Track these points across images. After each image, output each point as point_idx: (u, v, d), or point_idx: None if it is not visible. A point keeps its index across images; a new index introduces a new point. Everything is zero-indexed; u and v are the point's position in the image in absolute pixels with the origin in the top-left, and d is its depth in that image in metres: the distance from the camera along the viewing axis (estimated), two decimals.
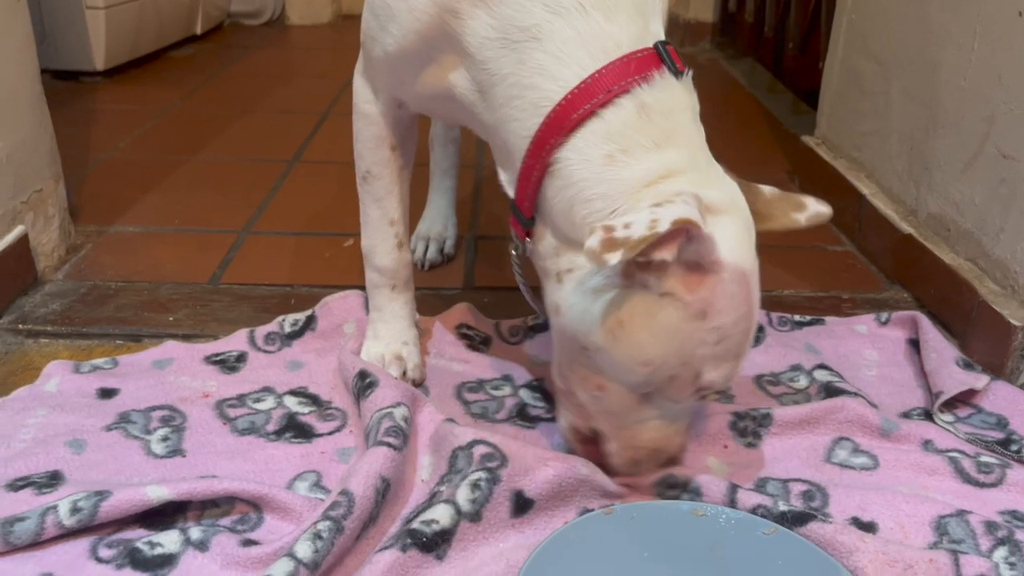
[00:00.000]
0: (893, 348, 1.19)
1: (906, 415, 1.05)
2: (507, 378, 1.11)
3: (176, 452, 0.96)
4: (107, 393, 1.05)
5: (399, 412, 0.94)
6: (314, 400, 1.06)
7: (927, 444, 0.98)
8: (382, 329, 1.10)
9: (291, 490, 0.89)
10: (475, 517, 0.83)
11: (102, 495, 0.83)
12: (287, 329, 1.18)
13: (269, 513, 0.87)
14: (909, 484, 0.92)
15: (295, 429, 1.00)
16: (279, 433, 0.99)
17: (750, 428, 1.00)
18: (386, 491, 0.85)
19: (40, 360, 1.12)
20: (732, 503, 0.86)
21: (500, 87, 0.82)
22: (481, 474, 0.84)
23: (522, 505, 0.85)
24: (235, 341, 1.17)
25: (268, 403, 1.05)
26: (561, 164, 0.80)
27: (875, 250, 1.45)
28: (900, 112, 1.42)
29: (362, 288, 1.28)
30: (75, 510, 0.82)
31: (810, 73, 2.27)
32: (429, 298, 1.29)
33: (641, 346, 0.77)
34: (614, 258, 0.68)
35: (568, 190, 0.80)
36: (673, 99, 0.79)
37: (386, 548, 0.79)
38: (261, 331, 1.18)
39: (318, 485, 0.92)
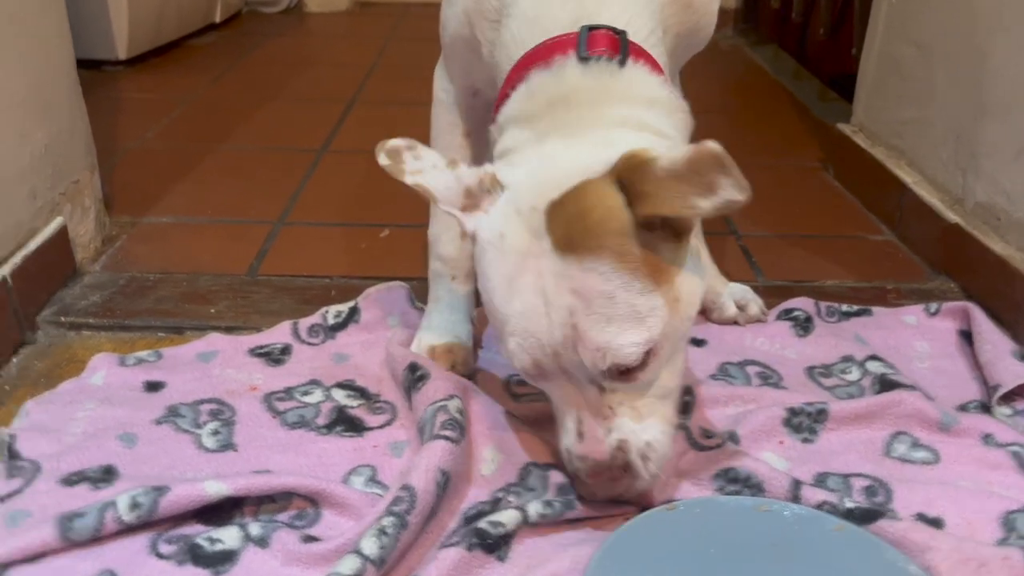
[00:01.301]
0: (944, 340, 1.18)
1: (963, 408, 1.03)
2: None
3: (228, 446, 0.95)
4: (153, 386, 1.04)
5: (453, 404, 0.93)
6: (362, 393, 1.04)
7: (987, 438, 0.97)
8: (437, 320, 1.09)
9: (347, 485, 0.88)
10: (536, 525, 0.82)
11: (160, 490, 0.82)
12: (331, 321, 1.17)
13: (327, 508, 0.86)
14: (972, 479, 0.91)
15: (345, 423, 0.99)
16: (329, 427, 0.98)
17: (805, 424, 0.98)
18: (446, 485, 0.84)
19: (84, 352, 1.11)
20: (796, 499, 0.85)
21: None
22: (557, 497, 0.84)
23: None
24: (279, 333, 1.16)
25: (316, 396, 1.04)
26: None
27: (918, 239, 1.43)
28: (945, 100, 1.40)
29: (402, 280, 1.28)
30: (134, 505, 0.81)
31: (839, 59, 2.25)
32: None
33: None
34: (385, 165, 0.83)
35: None
36: (563, 84, 0.81)
37: (451, 545, 0.78)
38: (305, 323, 1.17)
39: (374, 480, 0.91)
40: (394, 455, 0.95)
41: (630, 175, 0.72)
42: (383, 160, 0.83)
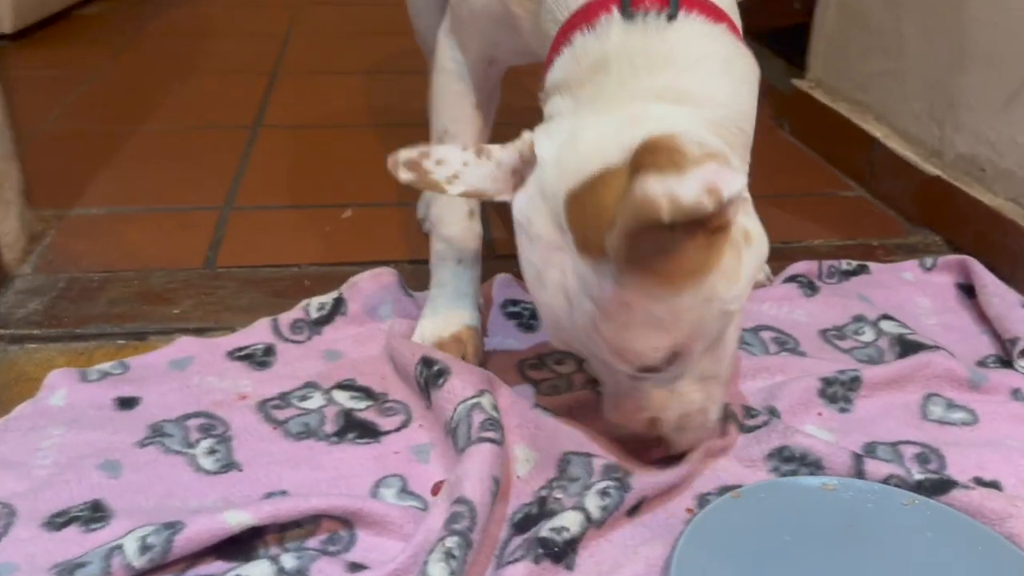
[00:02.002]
0: (943, 294, 1.17)
1: (982, 364, 1.02)
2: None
3: (230, 466, 0.84)
4: (127, 403, 0.92)
5: (487, 401, 0.85)
6: (367, 393, 0.95)
7: (1016, 393, 0.95)
8: (442, 307, 1.00)
9: (379, 499, 0.80)
10: (601, 523, 0.75)
11: (174, 527, 0.71)
12: (314, 315, 1.07)
13: (362, 529, 0.77)
14: (1015, 436, 0.90)
15: (357, 428, 0.90)
16: (340, 434, 0.89)
17: (839, 393, 0.95)
18: (496, 491, 0.77)
19: (34, 369, 0.98)
20: (860, 474, 0.81)
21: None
22: (609, 482, 0.78)
23: (637, 504, 0.79)
24: (258, 332, 1.04)
25: (317, 400, 0.94)
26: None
27: (893, 194, 1.42)
28: (917, 50, 1.39)
29: (377, 264, 1.18)
30: (145, 548, 0.70)
31: (776, 14, 2.23)
32: None
33: None
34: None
35: None
36: (605, 46, 0.73)
37: (515, 561, 0.70)
38: (285, 319, 1.06)
39: (406, 491, 0.82)
40: (420, 460, 0.86)
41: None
42: (405, 176, 0.76)
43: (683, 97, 0.73)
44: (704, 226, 0.65)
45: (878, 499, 0.78)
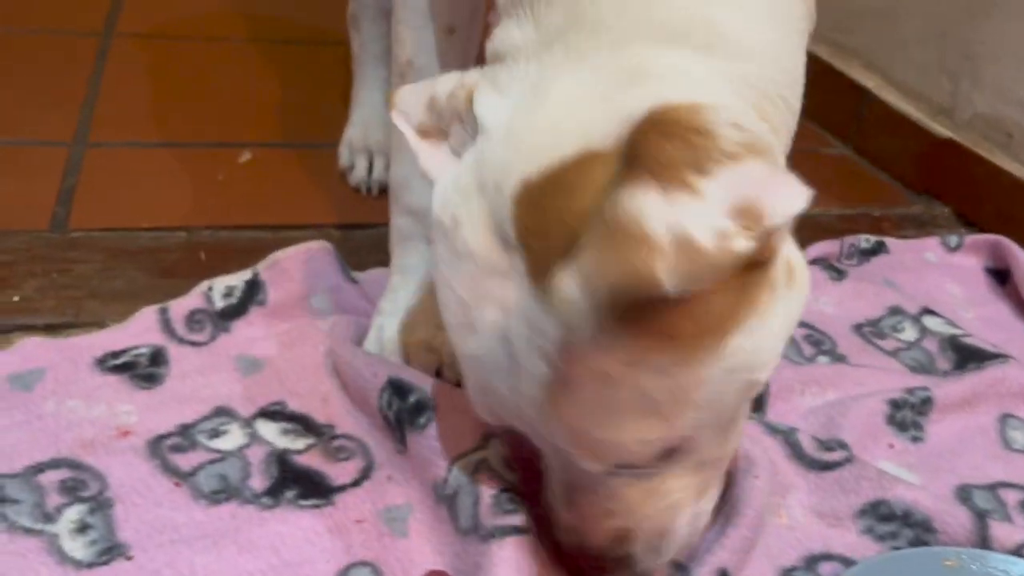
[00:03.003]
0: (974, 281, 1.01)
1: None
2: None
3: (112, 551, 0.56)
4: None
5: (494, 455, 0.60)
6: (306, 425, 0.68)
7: None
8: (406, 300, 0.74)
9: None
10: None
11: None
12: (219, 304, 0.78)
13: None
14: None
15: (297, 481, 0.63)
16: (274, 493, 0.62)
17: (909, 418, 0.76)
18: None
19: None
20: (983, 540, 0.63)
21: None
22: None
23: None
24: (138, 328, 0.75)
25: (234, 437, 0.66)
26: None
27: (886, 155, 1.25)
28: None
29: (296, 229, 0.91)
30: None
31: None
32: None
33: None
34: None
35: None
36: None
37: None
38: (178, 309, 0.76)
39: None
40: (396, 534, 0.61)
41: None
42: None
43: (710, 41, 0.48)
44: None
45: None
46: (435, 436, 0.63)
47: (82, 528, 0.58)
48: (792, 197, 0.39)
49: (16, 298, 0.78)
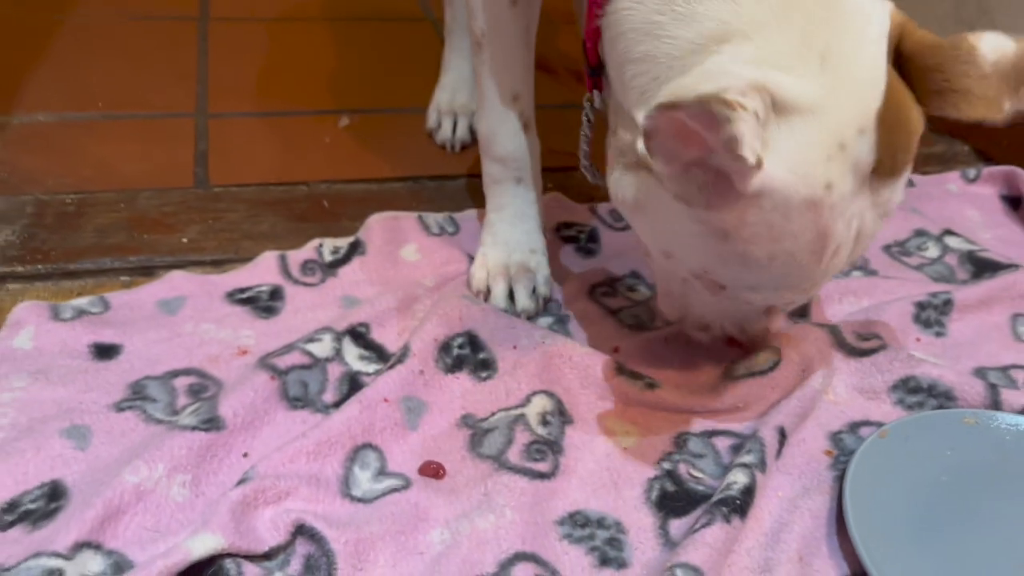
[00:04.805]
0: (989, 206, 1.14)
1: None
2: (636, 275, 0.94)
3: (211, 422, 0.69)
4: (105, 351, 0.77)
5: (532, 412, 0.75)
6: (379, 354, 0.80)
7: None
8: (504, 232, 0.89)
9: (351, 483, 0.68)
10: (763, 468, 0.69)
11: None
12: (328, 258, 0.91)
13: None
14: None
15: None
16: (338, 405, 0.74)
17: (933, 317, 0.90)
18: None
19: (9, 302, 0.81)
20: (995, 405, 0.77)
21: None
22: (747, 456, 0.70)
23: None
24: (262, 271, 0.89)
25: (324, 345, 0.78)
26: (614, 5, 0.64)
27: None
28: None
29: (398, 181, 1.06)
30: None
31: None
32: (472, 190, 1.07)
33: (655, 234, 0.67)
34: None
35: (619, 42, 0.65)
36: None
37: (706, 526, 0.63)
38: (295, 258, 0.91)
39: (383, 472, 0.70)
40: (408, 424, 0.73)
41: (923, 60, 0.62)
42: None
43: None
44: None
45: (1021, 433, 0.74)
46: (488, 389, 0.77)
47: (195, 410, 0.71)
48: None
49: (184, 240, 0.94)
